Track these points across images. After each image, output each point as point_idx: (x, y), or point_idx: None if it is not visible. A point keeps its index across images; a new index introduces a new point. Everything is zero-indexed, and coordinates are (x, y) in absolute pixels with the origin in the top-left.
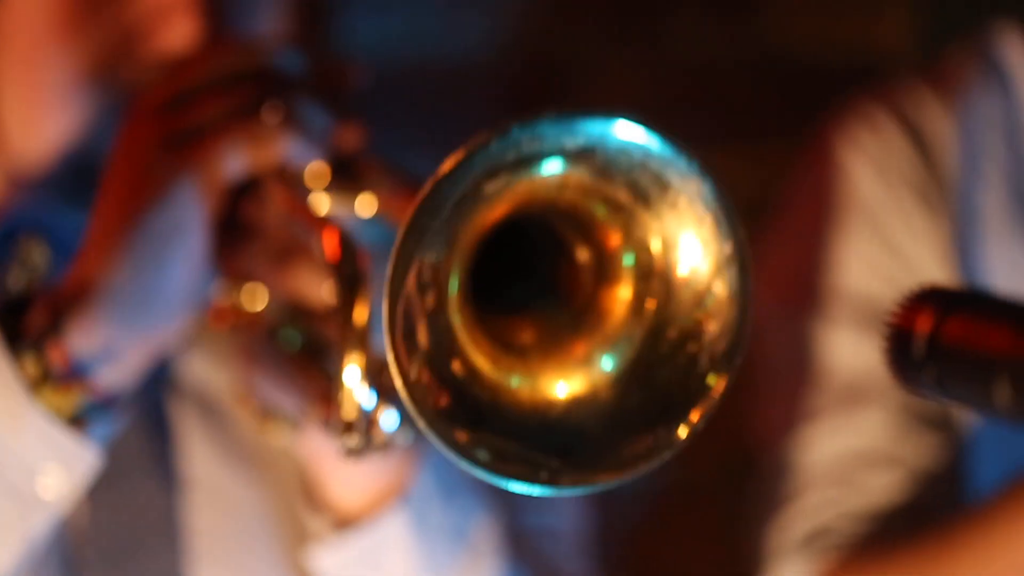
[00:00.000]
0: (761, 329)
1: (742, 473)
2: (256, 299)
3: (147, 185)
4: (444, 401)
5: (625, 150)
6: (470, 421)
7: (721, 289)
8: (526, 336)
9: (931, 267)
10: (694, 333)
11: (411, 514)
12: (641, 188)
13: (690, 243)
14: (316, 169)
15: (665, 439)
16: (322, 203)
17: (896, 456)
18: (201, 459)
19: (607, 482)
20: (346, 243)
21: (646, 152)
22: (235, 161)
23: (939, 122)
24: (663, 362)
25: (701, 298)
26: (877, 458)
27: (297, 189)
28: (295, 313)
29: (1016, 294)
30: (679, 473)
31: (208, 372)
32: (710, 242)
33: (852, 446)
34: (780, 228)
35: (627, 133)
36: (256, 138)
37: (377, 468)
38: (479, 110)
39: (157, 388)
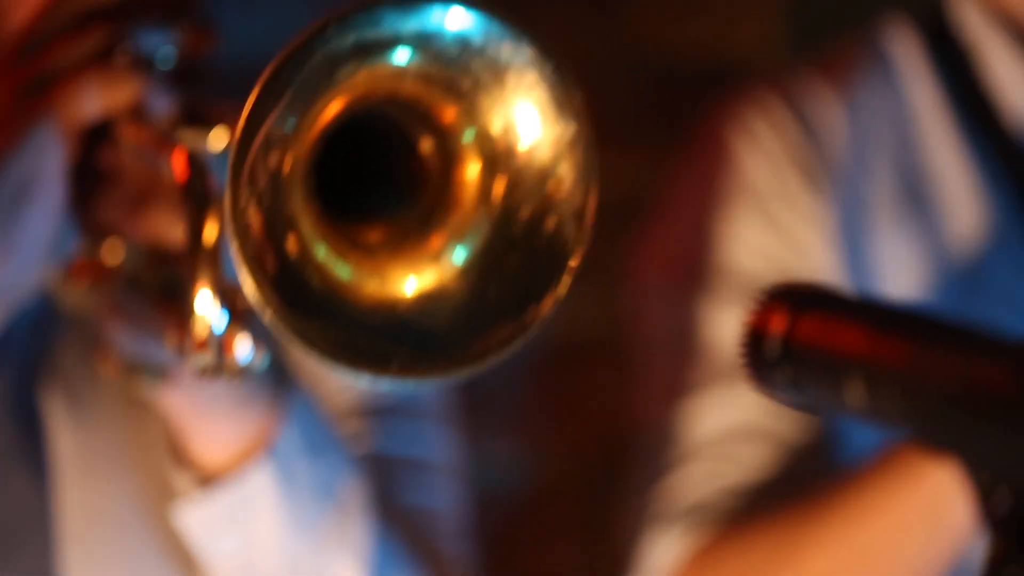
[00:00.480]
0: (642, 310)
1: (603, 474)
2: (116, 254)
3: (2, 135)
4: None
5: (464, 37)
6: (305, 307)
7: (567, 169)
8: (375, 237)
9: (818, 250)
10: (547, 208)
11: (276, 468)
12: (482, 74)
13: (532, 123)
14: (169, 108)
15: (525, 322)
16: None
17: (774, 430)
18: (70, 447)
19: (466, 370)
20: (195, 162)
21: (486, 37)
22: (88, 103)
23: (829, 110)
24: (518, 245)
25: (547, 175)
26: (757, 432)
27: (150, 127)
28: (153, 258)
29: (901, 284)
30: (541, 476)
31: (78, 359)
32: (553, 122)
33: (733, 420)
34: (666, 212)
35: (464, 20)
36: (108, 80)
37: (240, 420)
38: None
39: (28, 381)
